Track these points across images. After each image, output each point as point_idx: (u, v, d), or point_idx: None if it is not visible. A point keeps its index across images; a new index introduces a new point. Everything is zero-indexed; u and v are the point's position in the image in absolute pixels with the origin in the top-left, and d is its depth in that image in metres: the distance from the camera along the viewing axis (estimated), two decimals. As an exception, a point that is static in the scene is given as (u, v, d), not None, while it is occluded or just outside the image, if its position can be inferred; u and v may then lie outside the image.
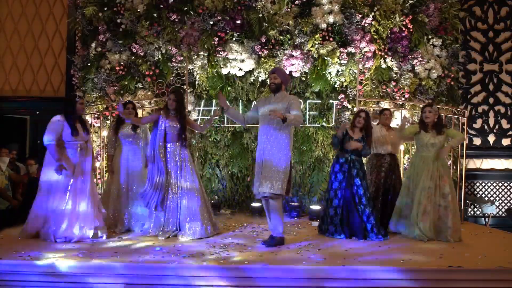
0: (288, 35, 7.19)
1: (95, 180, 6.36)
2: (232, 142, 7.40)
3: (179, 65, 7.31)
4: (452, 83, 7.42)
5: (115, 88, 7.29)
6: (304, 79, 7.38)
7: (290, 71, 7.24)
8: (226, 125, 7.40)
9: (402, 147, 6.90)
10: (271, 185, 4.82)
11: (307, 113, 7.40)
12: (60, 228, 4.97)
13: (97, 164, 6.88)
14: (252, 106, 5.33)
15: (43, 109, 8.55)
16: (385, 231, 5.50)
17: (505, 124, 8.45)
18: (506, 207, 8.22)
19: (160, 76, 7.31)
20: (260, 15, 7.08)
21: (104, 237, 5.19)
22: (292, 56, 7.12)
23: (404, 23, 7.23)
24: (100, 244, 4.92)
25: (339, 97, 7.34)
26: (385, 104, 7.21)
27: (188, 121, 5.73)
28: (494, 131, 8.46)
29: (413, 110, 7.26)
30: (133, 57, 7.29)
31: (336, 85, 7.40)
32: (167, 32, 7.18)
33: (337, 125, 7.36)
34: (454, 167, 7.06)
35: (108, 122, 7.24)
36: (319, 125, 7.39)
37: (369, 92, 7.28)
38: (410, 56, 7.27)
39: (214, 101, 7.38)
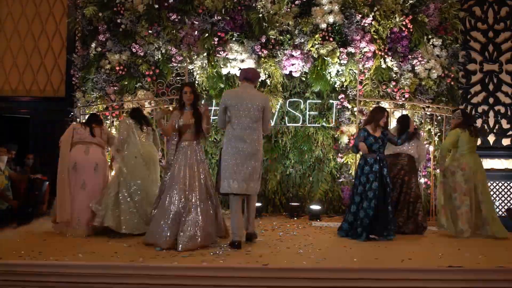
0: (288, 35, 7.19)
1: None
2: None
3: (179, 65, 7.31)
4: (452, 83, 7.42)
5: (115, 88, 7.30)
6: (304, 79, 7.38)
7: (290, 71, 7.24)
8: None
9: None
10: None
11: (307, 113, 7.40)
12: None
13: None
14: None
15: (43, 109, 8.55)
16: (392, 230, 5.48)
17: (505, 124, 8.43)
18: (506, 207, 8.21)
19: (160, 76, 7.32)
20: (260, 15, 7.09)
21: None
22: (292, 56, 7.12)
23: (404, 23, 7.24)
24: (100, 245, 4.92)
25: (339, 97, 7.35)
26: (385, 104, 7.21)
27: (206, 113, 5.10)
28: (494, 131, 8.45)
29: (413, 110, 7.26)
30: (133, 57, 7.29)
31: (336, 85, 7.40)
32: (167, 32, 7.19)
33: (337, 125, 7.36)
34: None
35: (108, 122, 7.24)
36: (319, 125, 7.39)
37: (369, 92, 7.29)
38: (410, 56, 7.27)
39: (214, 101, 7.38)
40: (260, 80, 5.80)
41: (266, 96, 5.47)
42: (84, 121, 6.26)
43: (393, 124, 6.65)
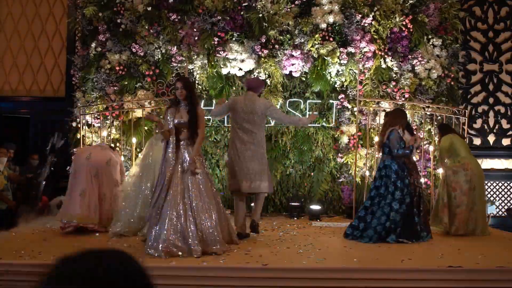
0: (288, 35, 7.19)
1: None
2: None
3: (179, 65, 7.31)
4: (452, 83, 7.42)
5: (115, 88, 7.29)
6: (304, 79, 7.38)
7: (290, 71, 7.24)
8: (226, 125, 7.39)
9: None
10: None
11: (307, 113, 7.39)
12: None
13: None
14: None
15: (43, 109, 8.55)
16: None
17: (505, 124, 8.44)
18: (506, 207, 8.21)
19: (160, 76, 7.31)
20: (260, 15, 7.08)
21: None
22: (292, 56, 7.12)
23: (404, 23, 7.23)
24: (100, 245, 4.92)
25: (339, 97, 7.34)
26: (385, 104, 7.22)
27: (200, 114, 4.75)
28: (494, 131, 8.45)
29: (413, 110, 7.26)
30: (133, 57, 7.30)
31: (336, 85, 7.40)
32: (167, 32, 7.19)
33: (337, 125, 7.35)
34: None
35: (108, 122, 7.24)
36: (319, 125, 7.38)
37: (369, 92, 7.28)
38: (410, 56, 7.27)
39: (214, 101, 7.38)
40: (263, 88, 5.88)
41: (267, 100, 5.65)
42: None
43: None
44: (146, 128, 7.20)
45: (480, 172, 5.92)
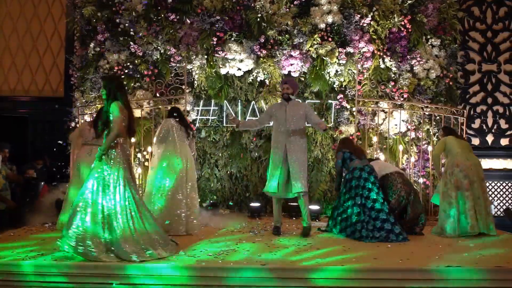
0: (287, 35, 7.19)
1: None
2: (231, 142, 7.40)
3: (177, 65, 7.31)
4: (450, 83, 7.43)
5: (114, 88, 7.28)
6: (303, 79, 7.38)
7: (289, 71, 7.25)
8: (225, 125, 7.39)
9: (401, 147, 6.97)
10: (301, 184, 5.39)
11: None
12: None
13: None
14: (266, 112, 5.81)
15: (42, 109, 8.54)
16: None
17: (503, 124, 8.46)
18: (504, 207, 8.23)
19: (158, 76, 7.31)
20: (259, 15, 7.09)
21: None
22: (291, 56, 7.13)
23: (402, 23, 7.25)
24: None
25: (338, 97, 7.35)
26: (384, 104, 7.23)
27: (117, 121, 4.26)
28: (493, 131, 8.47)
29: (411, 110, 7.27)
30: (131, 57, 7.29)
31: (335, 85, 7.40)
32: (165, 32, 7.18)
33: (336, 125, 7.35)
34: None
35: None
36: (318, 125, 7.37)
37: (367, 92, 7.29)
38: (408, 56, 7.28)
39: (213, 101, 7.38)
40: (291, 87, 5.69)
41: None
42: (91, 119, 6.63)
43: (391, 123, 6.66)
44: (145, 128, 7.20)
45: (474, 166, 5.61)
